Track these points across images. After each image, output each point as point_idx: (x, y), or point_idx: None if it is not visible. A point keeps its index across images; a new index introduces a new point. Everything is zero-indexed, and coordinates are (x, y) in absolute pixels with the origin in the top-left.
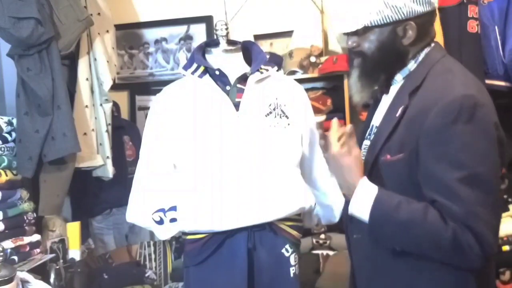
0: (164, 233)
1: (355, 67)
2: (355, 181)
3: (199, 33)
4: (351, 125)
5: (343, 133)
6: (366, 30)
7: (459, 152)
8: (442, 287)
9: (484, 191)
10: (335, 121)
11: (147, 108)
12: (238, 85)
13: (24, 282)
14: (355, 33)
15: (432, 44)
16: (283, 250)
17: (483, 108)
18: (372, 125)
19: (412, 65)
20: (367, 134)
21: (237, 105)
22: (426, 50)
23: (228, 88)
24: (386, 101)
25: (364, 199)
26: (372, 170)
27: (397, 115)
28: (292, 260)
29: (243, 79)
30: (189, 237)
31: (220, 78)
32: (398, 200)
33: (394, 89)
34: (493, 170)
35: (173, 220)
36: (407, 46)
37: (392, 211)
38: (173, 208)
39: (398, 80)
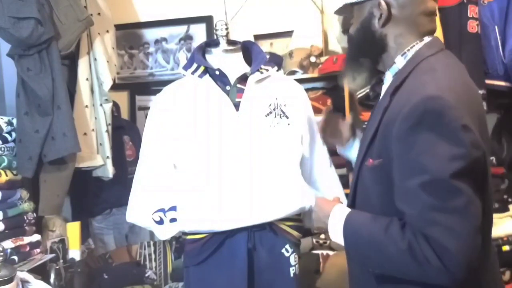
0: (164, 233)
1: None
2: (329, 210)
3: (199, 33)
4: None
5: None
6: (352, 12)
7: (419, 157)
8: None
9: (447, 197)
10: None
11: (147, 108)
12: (238, 85)
13: (24, 282)
14: (349, 18)
15: (428, 39)
16: (283, 250)
17: (450, 110)
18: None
19: (400, 62)
20: None
21: (237, 105)
22: (418, 46)
23: (228, 88)
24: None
25: (338, 223)
26: (358, 175)
27: (379, 117)
28: (292, 260)
29: (243, 79)
30: (189, 237)
31: (220, 78)
32: (365, 218)
33: (384, 88)
34: (462, 175)
35: (173, 220)
36: (383, 28)
37: (359, 230)
38: (173, 208)
39: (388, 79)
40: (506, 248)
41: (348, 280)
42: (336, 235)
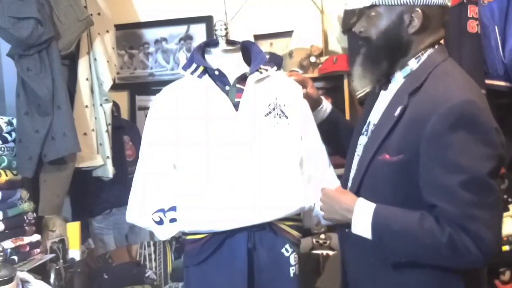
0: (164, 233)
1: (359, 54)
2: (350, 203)
3: (199, 33)
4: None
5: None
6: (373, 12)
7: (458, 156)
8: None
9: (484, 194)
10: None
11: (147, 108)
12: (238, 85)
13: (24, 282)
14: (364, 15)
15: (436, 46)
16: (283, 250)
17: (484, 113)
18: (369, 121)
19: (414, 65)
20: (363, 130)
21: (236, 105)
22: (430, 51)
23: (227, 88)
24: (384, 98)
25: (364, 216)
26: (368, 168)
27: (396, 114)
28: (292, 260)
29: (242, 79)
30: (189, 237)
31: (220, 78)
32: (395, 212)
33: (393, 87)
34: (494, 173)
35: (173, 220)
36: (411, 35)
37: (390, 223)
38: (173, 208)
39: (398, 79)
40: (506, 248)
41: (346, 255)
42: (361, 228)
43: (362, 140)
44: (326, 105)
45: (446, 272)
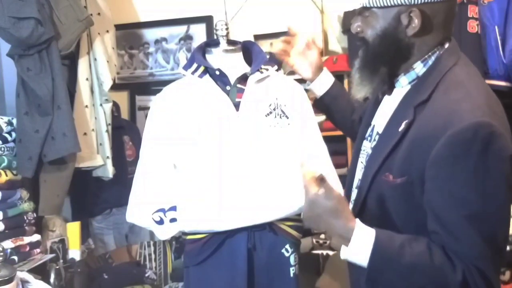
0: (164, 233)
1: (358, 57)
2: (345, 224)
3: (199, 33)
4: (321, 174)
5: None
6: (367, 12)
7: (468, 189)
8: None
9: (492, 228)
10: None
11: (147, 108)
12: (238, 85)
13: (24, 282)
14: (360, 16)
15: (446, 45)
16: (283, 250)
17: (499, 138)
18: (373, 125)
19: (420, 69)
20: (367, 135)
21: (237, 105)
22: (438, 52)
23: (228, 88)
24: (388, 103)
25: (362, 244)
26: (370, 188)
27: (400, 129)
28: (292, 260)
29: (243, 79)
30: (189, 237)
31: (220, 78)
32: (399, 243)
33: (398, 92)
34: (505, 205)
35: (173, 220)
36: (412, 37)
37: (395, 257)
38: (173, 208)
39: (403, 84)
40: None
41: (353, 273)
42: (356, 257)
43: (366, 145)
44: (326, 79)
45: None
